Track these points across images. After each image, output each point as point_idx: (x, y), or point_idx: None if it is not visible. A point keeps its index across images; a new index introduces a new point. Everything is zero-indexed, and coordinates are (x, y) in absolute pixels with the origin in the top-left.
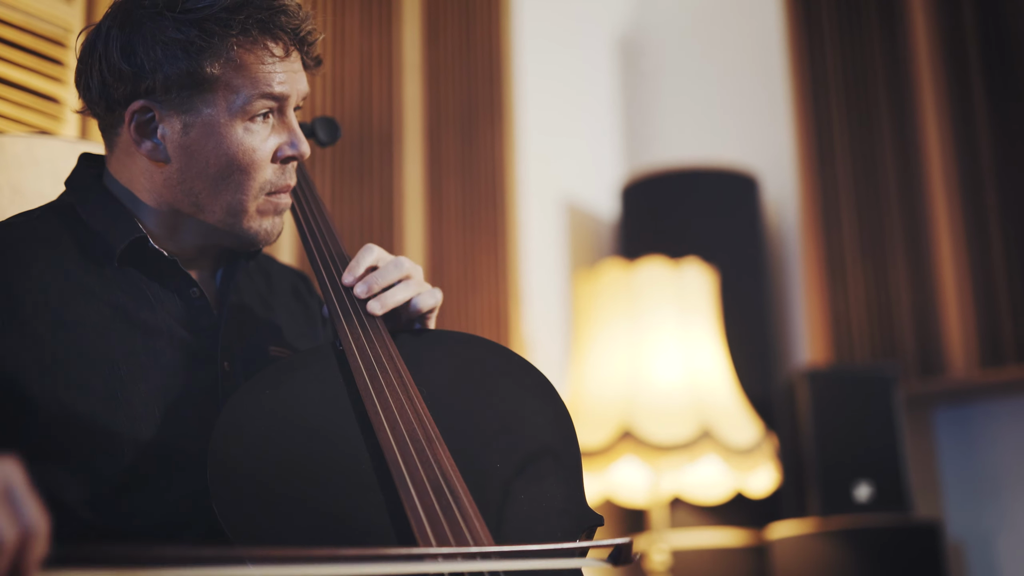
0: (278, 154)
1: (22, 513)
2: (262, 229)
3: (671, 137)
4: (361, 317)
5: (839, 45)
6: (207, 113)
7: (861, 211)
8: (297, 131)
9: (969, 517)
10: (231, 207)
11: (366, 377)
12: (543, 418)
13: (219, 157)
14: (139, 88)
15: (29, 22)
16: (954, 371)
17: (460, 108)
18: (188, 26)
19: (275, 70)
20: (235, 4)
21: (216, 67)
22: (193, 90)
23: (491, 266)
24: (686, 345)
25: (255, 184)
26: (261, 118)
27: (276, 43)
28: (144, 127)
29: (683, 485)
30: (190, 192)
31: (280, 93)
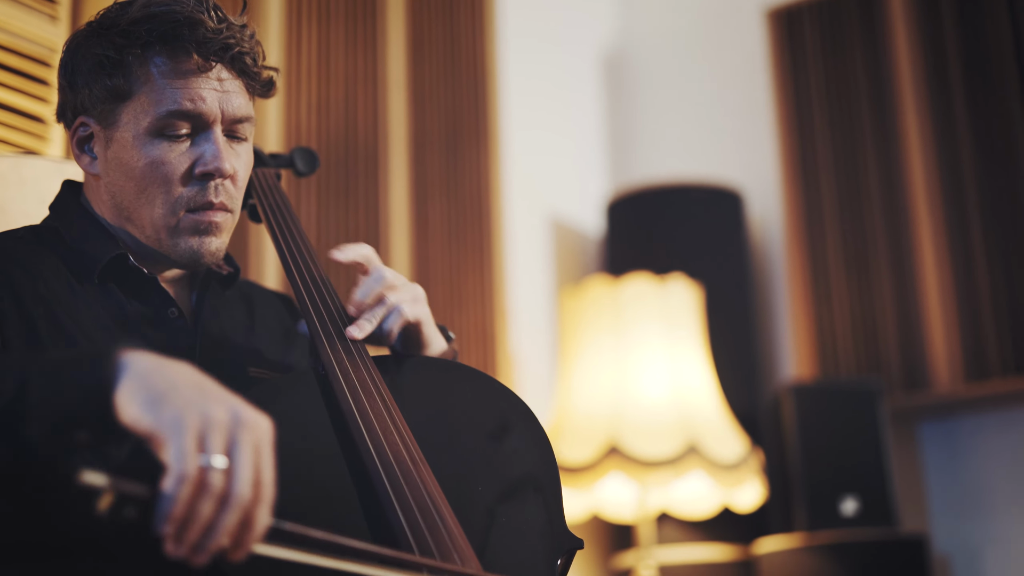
0: (195, 170)
1: (264, 478)
2: (189, 247)
3: (656, 153)
4: (344, 340)
5: (822, 61)
6: (122, 127)
7: (845, 226)
8: (220, 148)
9: (955, 531)
10: (153, 223)
11: (350, 399)
12: (523, 443)
13: (132, 170)
14: (76, 103)
15: (14, 42)
16: (939, 385)
17: (445, 126)
18: (106, 41)
19: (186, 86)
20: (138, 18)
21: (126, 81)
22: (112, 104)
23: (477, 283)
24: (672, 361)
25: (169, 199)
26: (175, 137)
27: (186, 58)
28: (83, 143)
29: (670, 501)
30: (120, 207)
31: (192, 110)
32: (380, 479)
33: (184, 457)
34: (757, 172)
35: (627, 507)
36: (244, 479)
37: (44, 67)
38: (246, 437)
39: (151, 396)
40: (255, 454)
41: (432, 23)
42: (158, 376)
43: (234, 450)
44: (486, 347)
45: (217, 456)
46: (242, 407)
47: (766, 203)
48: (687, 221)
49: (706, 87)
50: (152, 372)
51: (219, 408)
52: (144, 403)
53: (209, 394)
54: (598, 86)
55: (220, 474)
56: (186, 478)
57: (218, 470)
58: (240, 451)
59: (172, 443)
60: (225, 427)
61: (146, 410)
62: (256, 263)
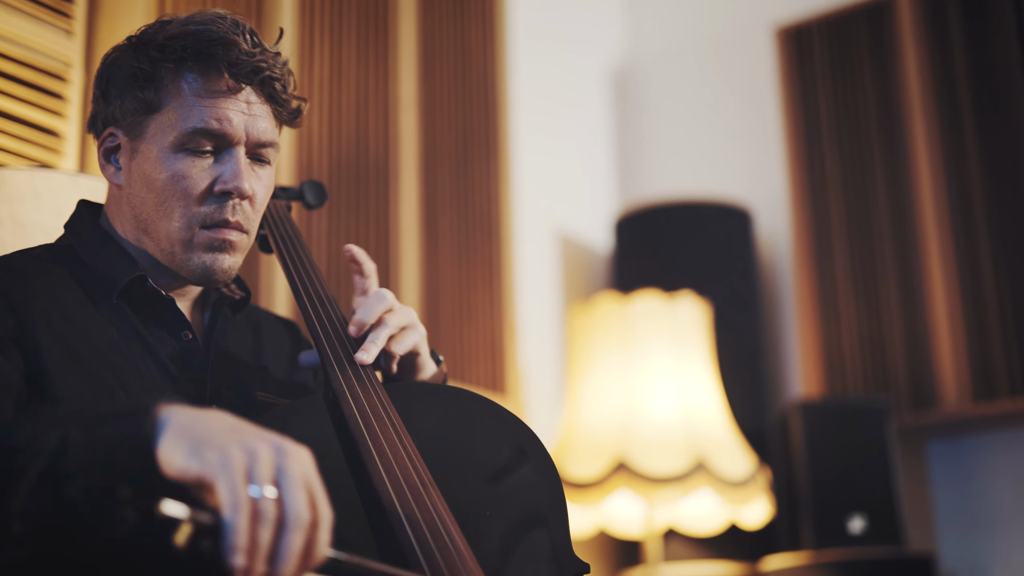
0: (215, 188)
1: (318, 500)
2: (201, 263)
3: (665, 171)
4: (354, 366)
5: (831, 80)
6: (149, 139)
7: (853, 244)
8: (240, 168)
9: (962, 549)
10: (170, 236)
11: (361, 424)
12: (530, 470)
13: (155, 182)
14: (108, 115)
15: (30, 56)
16: (947, 404)
17: (455, 142)
18: (142, 55)
19: (215, 105)
20: (176, 34)
21: (156, 94)
22: (142, 116)
23: (486, 299)
24: (680, 378)
25: (187, 214)
26: (199, 153)
27: (217, 77)
28: (110, 153)
29: (677, 517)
30: (139, 218)
31: (216, 130)
32: (391, 501)
33: (235, 489)
34: (766, 190)
35: (634, 523)
36: (298, 502)
37: (59, 81)
38: (291, 465)
39: (194, 444)
40: (303, 480)
41: (443, 40)
42: (197, 426)
43: (281, 478)
44: (495, 362)
45: (267, 487)
46: (282, 441)
47: (774, 221)
48: (695, 238)
49: (715, 105)
50: (191, 423)
51: (260, 443)
52: (188, 452)
53: (248, 433)
54: (607, 103)
55: (271, 502)
56: (240, 506)
57: (269, 499)
58: (287, 478)
59: (222, 481)
60: (269, 459)
61: (191, 458)
62: (267, 290)
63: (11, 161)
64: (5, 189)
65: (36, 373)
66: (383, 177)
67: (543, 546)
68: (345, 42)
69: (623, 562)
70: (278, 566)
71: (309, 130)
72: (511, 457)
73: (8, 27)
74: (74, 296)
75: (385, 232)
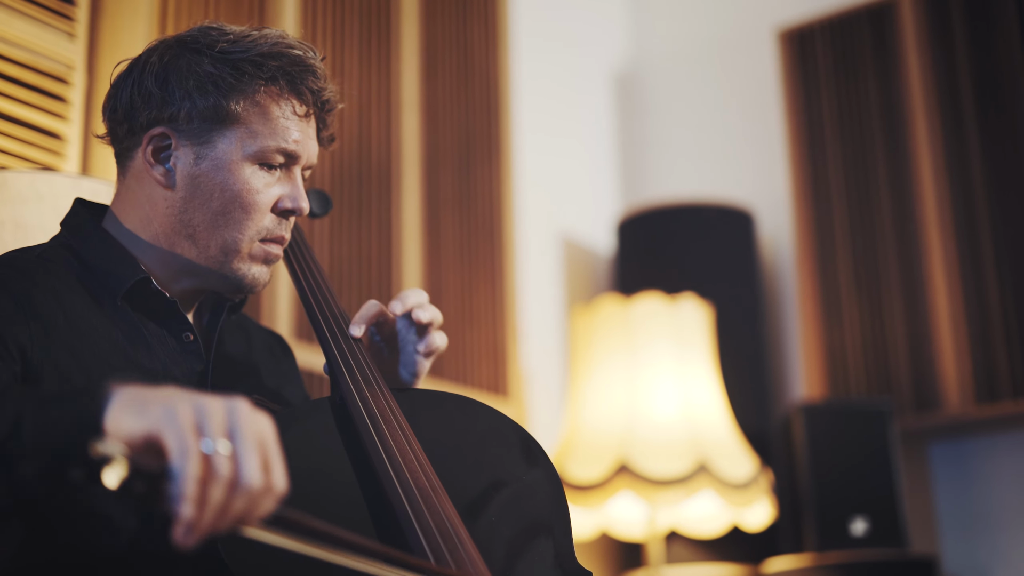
0: (278, 205)
1: (272, 467)
2: (250, 274)
3: (667, 173)
4: (364, 372)
5: (834, 82)
6: (221, 148)
7: (856, 246)
8: (301, 188)
9: (965, 552)
10: (226, 245)
11: (371, 428)
12: (534, 477)
13: (224, 192)
14: (163, 114)
15: (32, 59)
16: (950, 406)
17: (457, 145)
18: (223, 64)
19: (292, 126)
20: (271, 52)
21: (240, 106)
22: (214, 124)
23: (488, 301)
24: (682, 380)
25: (252, 226)
26: (269, 168)
27: (299, 101)
28: (159, 152)
29: (679, 519)
30: (188, 223)
31: (293, 151)
32: (401, 503)
33: (182, 437)
34: (768, 192)
35: (636, 526)
36: (252, 465)
37: (61, 84)
38: (246, 425)
39: (140, 406)
40: (258, 441)
41: (445, 39)
42: (146, 393)
43: (235, 437)
44: (497, 365)
45: (220, 440)
46: (239, 402)
47: (777, 223)
48: (698, 240)
49: (718, 107)
50: (140, 392)
51: (213, 401)
52: (134, 413)
53: (197, 394)
54: (610, 106)
55: (225, 460)
56: (188, 454)
57: (222, 455)
58: (242, 438)
59: (168, 431)
60: (220, 414)
61: (137, 417)
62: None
63: (13, 164)
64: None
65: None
66: (385, 179)
67: (547, 553)
68: (347, 43)
69: (625, 564)
70: (217, 524)
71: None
72: (515, 464)
73: (10, 30)
74: (78, 297)
75: (387, 234)
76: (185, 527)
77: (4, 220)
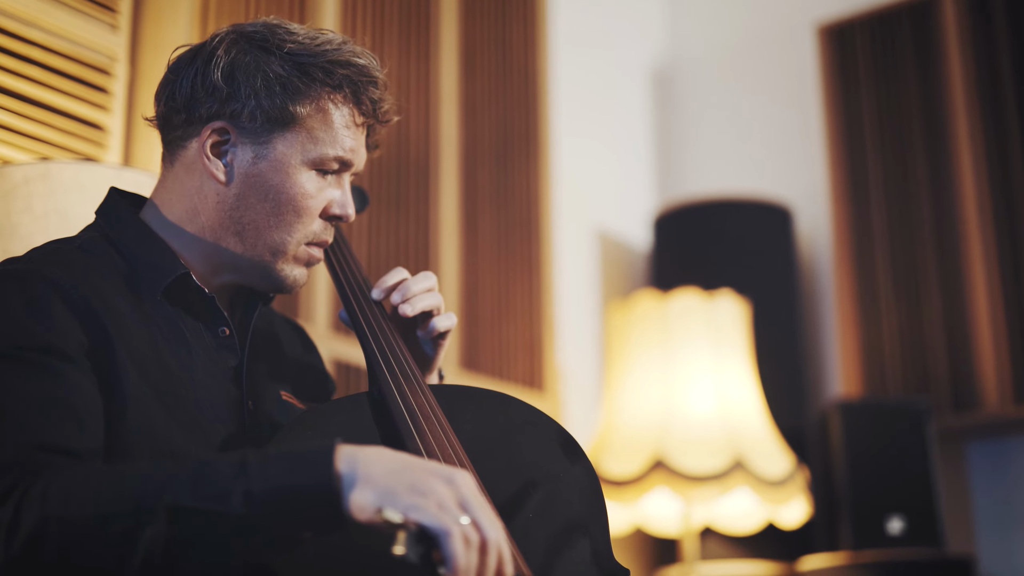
0: (328, 210)
1: (494, 518)
2: (292, 275)
3: (704, 168)
4: (403, 367)
5: (874, 77)
6: (281, 150)
7: (894, 243)
8: (349, 195)
9: (1002, 552)
10: (275, 245)
11: (410, 423)
12: (572, 475)
13: (280, 194)
14: (226, 109)
15: (75, 50)
16: (988, 405)
17: (496, 139)
18: (292, 66)
19: (349, 135)
20: (339, 61)
21: (305, 110)
22: (276, 125)
23: (525, 296)
24: (719, 376)
25: (303, 229)
26: (323, 173)
27: (359, 111)
28: (217, 147)
29: (715, 516)
30: (239, 220)
31: (349, 159)
32: None
33: (439, 518)
34: (806, 188)
35: (672, 522)
36: (489, 525)
37: (104, 75)
38: (469, 492)
39: (383, 493)
40: (480, 504)
41: (484, 36)
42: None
43: (468, 506)
44: (533, 360)
45: (463, 516)
46: (449, 470)
47: (815, 219)
48: (735, 237)
49: (756, 102)
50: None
51: (432, 477)
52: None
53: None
54: (647, 100)
55: (472, 528)
56: (451, 531)
57: (467, 526)
58: (472, 505)
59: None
60: (447, 489)
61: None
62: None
63: (56, 155)
64: (51, 182)
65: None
66: (423, 174)
67: (584, 551)
68: (387, 40)
69: (660, 560)
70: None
71: None
72: (553, 462)
73: (53, 21)
74: (119, 294)
75: (425, 229)
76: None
77: (48, 211)
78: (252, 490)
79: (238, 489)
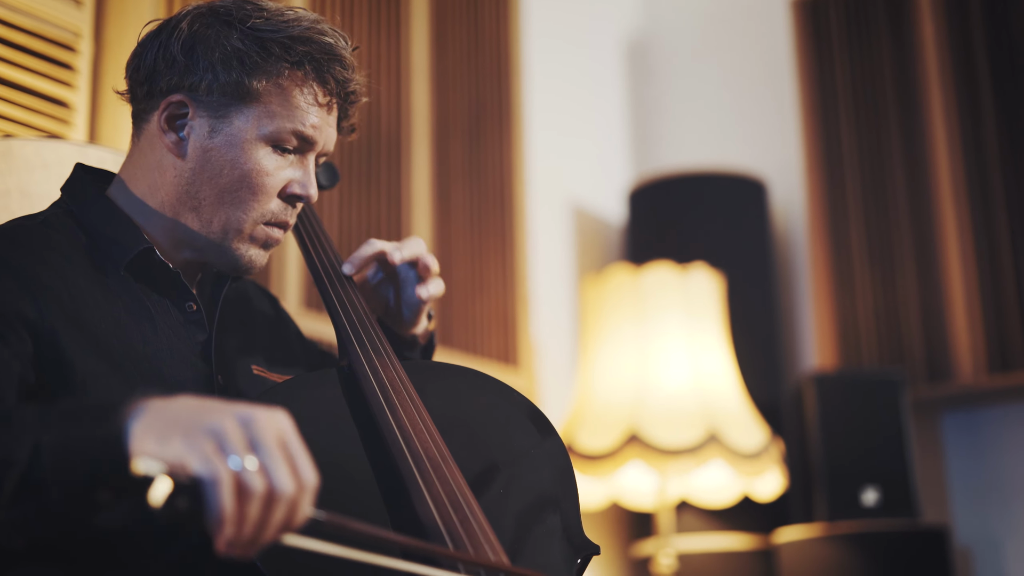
0: (287, 189)
1: (299, 466)
2: (248, 256)
3: (679, 141)
4: (374, 341)
5: (848, 51)
6: (237, 125)
7: (869, 215)
8: (312, 176)
9: (977, 522)
10: (228, 223)
11: (380, 397)
12: (541, 450)
13: (234, 170)
14: (184, 82)
15: (39, 26)
16: (962, 376)
17: (468, 112)
18: (251, 41)
19: (312, 112)
20: (302, 36)
21: (262, 85)
22: (233, 99)
23: (498, 270)
24: (693, 350)
25: (258, 208)
26: (283, 151)
27: (322, 89)
28: (174, 119)
29: (690, 489)
30: (195, 196)
31: (310, 135)
32: (412, 473)
33: (209, 461)
34: (781, 161)
35: (647, 495)
36: (282, 473)
37: (69, 52)
38: (263, 434)
39: (159, 437)
40: (280, 446)
41: (455, 8)
42: (161, 417)
43: (258, 448)
44: (507, 334)
45: (246, 456)
46: (250, 409)
47: (789, 192)
48: (710, 210)
49: (730, 75)
50: (155, 416)
51: (225, 418)
52: (155, 442)
53: (213, 410)
54: (621, 74)
55: (255, 475)
56: (218, 477)
57: (251, 471)
58: (265, 448)
59: (193, 458)
60: (236, 429)
61: (158, 446)
62: (278, 266)
63: (20, 132)
64: (13, 160)
65: (54, 356)
66: (395, 148)
67: (555, 526)
68: (357, 13)
69: (635, 534)
70: (260, 535)
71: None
72: (524, 438)
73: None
74: (80, 270)
75: (397, 204)
76: (227, 544)
77: (10, 188)
78: (41, 439)
79: (30, 438)
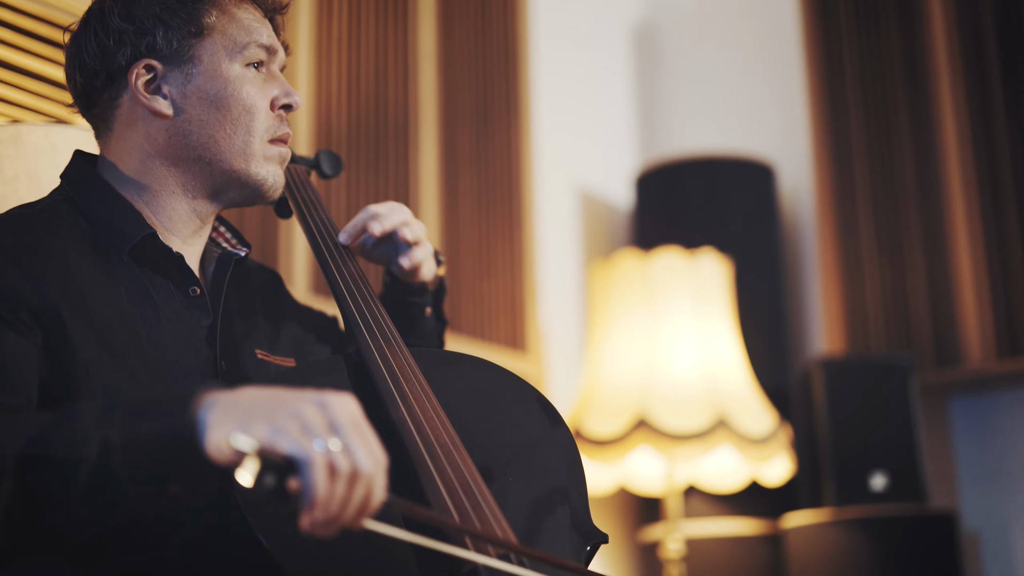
0: (275, 102)
1: (374, 446)
2: (270, 176)
3: (686, 126)
4: (382, 328)
5: (856, 34)
6: (207, 60)
7: (877, 200)
8: (286, 83)
9: (984, 507)
10: (241, 149)
11: (390, 383)
12: (550, 439)
13: (225, 98)
14: (140, 46)
15: (45, 11)
16: (970, 361)
17: (475, 98)
18: None
19: (262, 26)
20: None
21: (212, 16)
22: (193, 39)
23: (506, 256)
24: (701, 335)
25: (259, 125)
26: (254, 67)
27: (255, 7)
28: (148, 85)
29: (698, 474)
30: (196, 143)
31: (270, 44)
32: (423, 458)
33: (298, 442)
34: (789, 146)
35: (655, 480)
36: (363, 454)
37: None
38: (342, 416)
39: (240, 425)
40: (356, 428)
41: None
42: (235, 407)
43: (339, 429)
44: (515, 320)
45: (330, 439)
46: (322, 394)
47: (798, 177)
48: (717, 195)
49: (738, 60)
50: (228, 407)
51: (303, 404)
52: (240, 430)
53: (286, 395)
54: (629, 58)
55: (340, 455)
56: (311, 457)
57: (336, 452)
58: (344, 429)
59: (282, 440)
60: (317, 413)
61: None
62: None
63: (28, 117)
64: (21, 145)
65: (57, 343)
66: (402, 134)
67: (563, 515)
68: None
69: (644, 519)
70: (343, 514)
71: (328, 87)
72: (532, 426)
73: None
74: (83, 257)
75: (404, 190)
76: (312, 523)
77: (19, 173)
78: (109, 437)
79: (97, 436)
